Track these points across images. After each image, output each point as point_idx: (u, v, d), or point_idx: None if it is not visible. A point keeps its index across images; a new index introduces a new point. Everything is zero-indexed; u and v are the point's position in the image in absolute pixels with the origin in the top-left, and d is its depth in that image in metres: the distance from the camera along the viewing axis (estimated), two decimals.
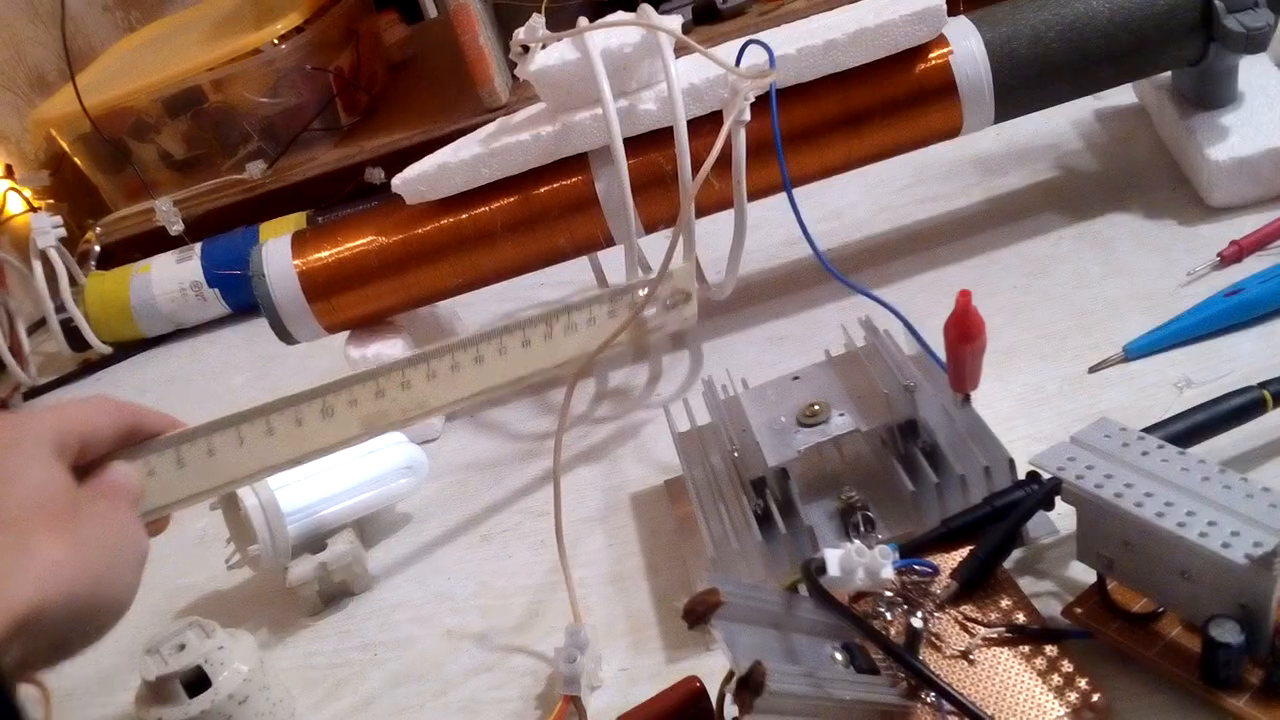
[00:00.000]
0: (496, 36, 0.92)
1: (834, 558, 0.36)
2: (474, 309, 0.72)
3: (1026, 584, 0.40)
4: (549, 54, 0.56)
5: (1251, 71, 0.61)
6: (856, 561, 0.35)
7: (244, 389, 0.76)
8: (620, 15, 0.56)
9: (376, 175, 0.88)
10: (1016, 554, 0.42)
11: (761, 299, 0.64)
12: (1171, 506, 0.34)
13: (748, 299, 0.64)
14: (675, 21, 0.56)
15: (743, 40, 0.54)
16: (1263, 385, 0.42)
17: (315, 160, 0.93)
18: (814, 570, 0.35)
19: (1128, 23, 0.56)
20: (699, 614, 0.31)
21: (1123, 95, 0.69)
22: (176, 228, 0.84)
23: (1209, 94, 0.59)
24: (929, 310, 0.57)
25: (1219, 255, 0.54)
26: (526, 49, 0.55)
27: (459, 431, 0.63)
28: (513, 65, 0.57)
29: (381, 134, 0.94)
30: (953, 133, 0.58)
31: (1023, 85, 0.57)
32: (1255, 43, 0.55)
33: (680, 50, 0.55)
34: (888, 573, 0.36)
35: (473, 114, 0.90)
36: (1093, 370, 0.50)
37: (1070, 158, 0.68)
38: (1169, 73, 0.62)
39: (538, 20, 0.55)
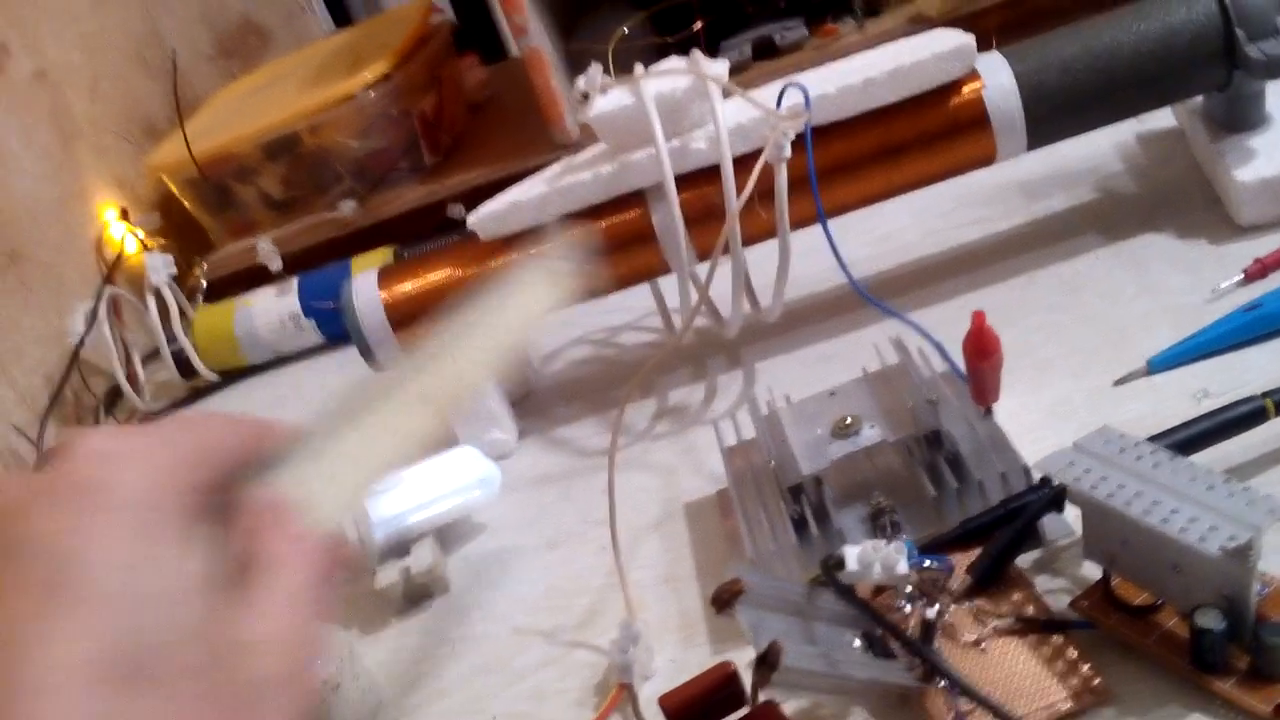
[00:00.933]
0: (566, 77, 0.97)
1: (852, 553, 0.40)
2: (545, 333, 0.78)
3: (1043, 581, 0.44)
4: (607, 100, 0.61)
5: None
6: (873, 557, 0.39)
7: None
8: (672, 63, 0.61)
9: (458, 211, 0.94)
10: (1035, 554, 0.45)
11: (811, 321, 0.68)
12: (1158, 505, 0.37)
13: (798, 321, 0.68)
14: (722, 66, 0.61)
15: (783, 82, 0.59)
16: (1266, 394, 0.45)
17: (401, 198, 1.00)
18: (833, 565, 0.39)
19: (1153, 52, 0.59)
20: (725, 600, 0.36)
21: (1162, 118, 0.71)
22: (276, 265, 0.91)
23: (1237, 117, 0.62)
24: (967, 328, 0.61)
25: (1243, 272, 0.56)
26: (586, 96, 0.60)
27: (530, 448, 0.69)
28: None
29: (462, 172, 1.00)
30: (987, 161, 0.62)
31: (1053, 115, 0.60)
32: (1276, 69, 0.57)
33: (728, 93, 0.60)
34: (902, 567, 0.40)
35: (545, 151, 0.96)
36: (1118, 383, 0.53)
37: (1110, 180, 0.71)
38: (1200, 97, 0.64)
39: (596, 69, 0.60)
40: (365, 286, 0.66)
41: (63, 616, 0.23)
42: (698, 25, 0.96)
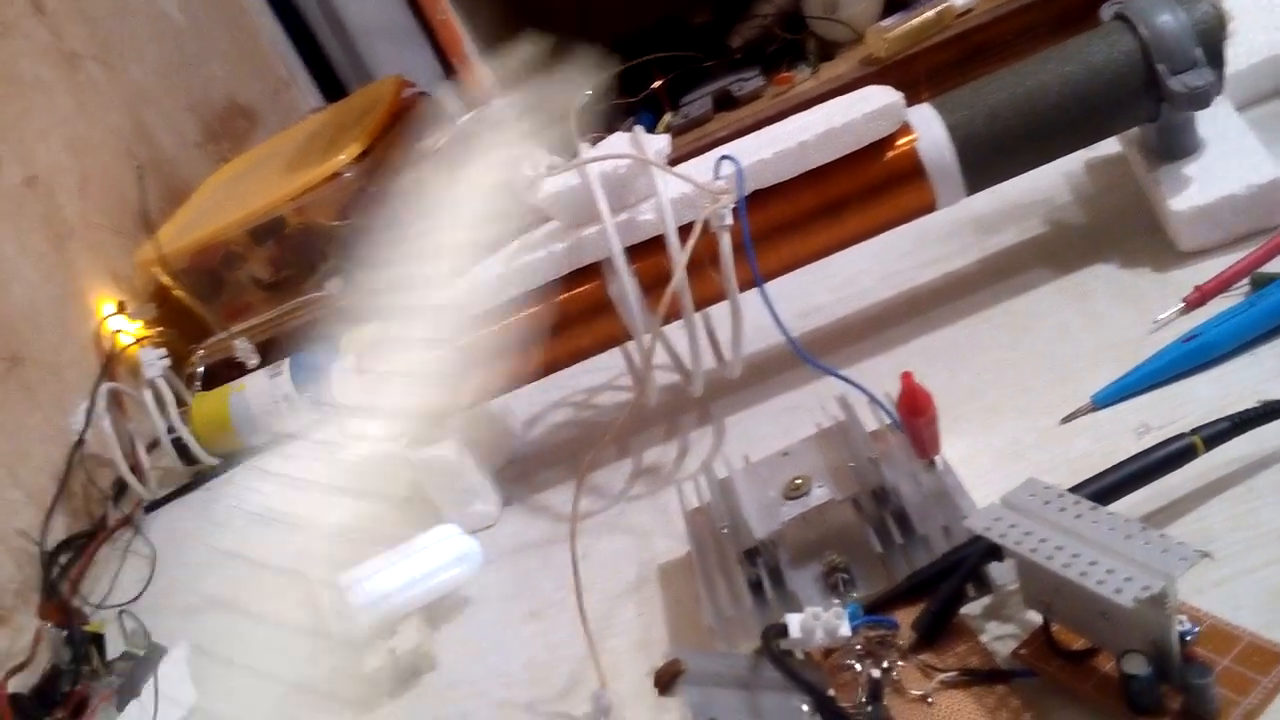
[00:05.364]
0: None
1: (795, 621, 0.41)
2: (524, 399, 0.80)
3: (992, 628, 0.45)
4: (554, 181, 0.63)
5: (1215, 117, 0.65)
6: (814, 624, 0.41)
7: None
8: (613, 144, 0.63)
9: None
10: (985, 601, 0.47)
11: (774, 373, 0.70)
12: (1078, 557, 0.38)
13: (762, 374, 0.70)
14: (662, 141, 0.63)
15: (719, 152, 0.61)
16: (1195, 431, 0.46)
17: None
18: (773, 635, 0.40)
19: (1077, 93, 0.61)
20: (665, 682, 0.37)
21: (1111, 145, 0.73)
22: (253, 361, 0.94)
23: (1170, 146, 0.63)
24: (924, 372, 0.63)
25: (1184, 301, 0.58)
26: (533, 181, 0.63)
27: (514, 516, 0.70)
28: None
29: None
30: (928, 210, 0.64)
31: (987, 161, 0.62)
32: (1199, 100, 0.59)
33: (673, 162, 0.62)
34: (844, 631, 0.41)
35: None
36: (1064, 421, 0.55)
37: (1059, 211, 0.72)
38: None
39: (539, 154, 0.63)
40: (345, 374, 0.68)
41: None
42: (659, 84, 0.99)
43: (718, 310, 0.65)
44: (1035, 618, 0.44)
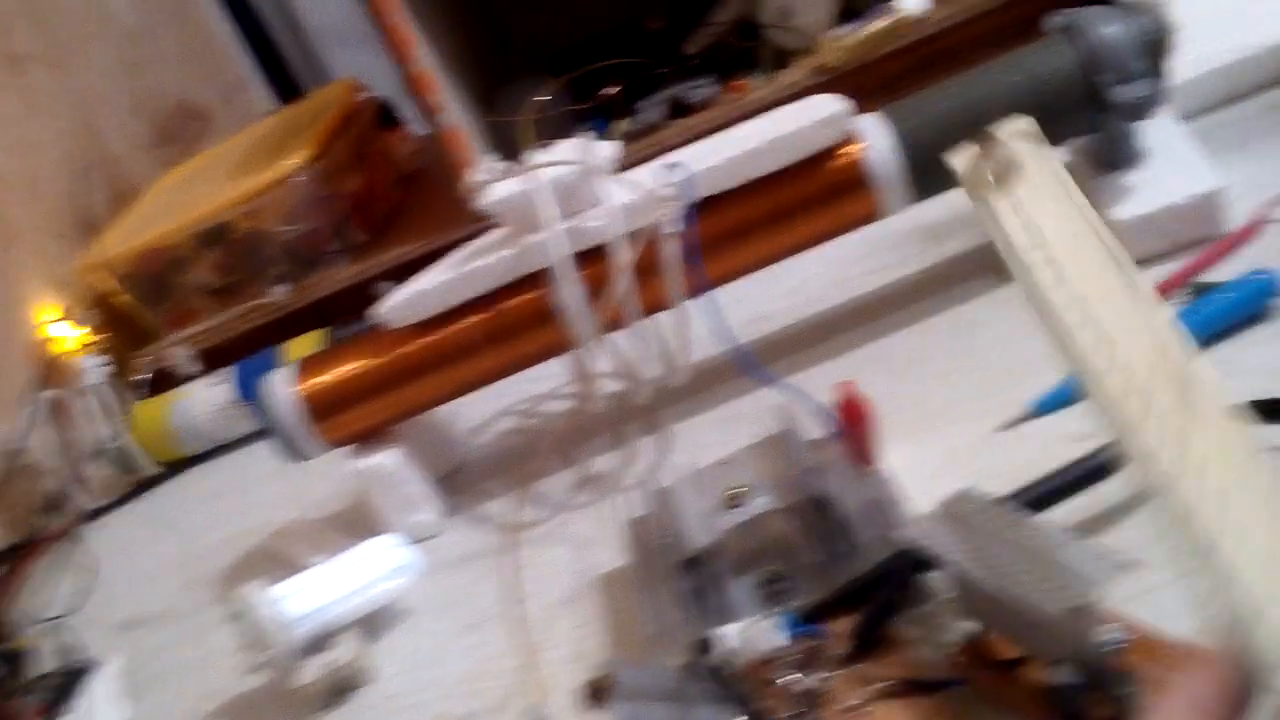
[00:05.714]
0: (488, 149, 0.99)
1: (729, 633, 0.41)
2: (472, 406, 0.79)
3: (928, 636, 0.45)
4: (503, 187, 0.63)
5: (1158, 128, 0.65)
6: (747, 634, 0.40)
7: (274, 499, 0.83)
8: (562, 151, 0.63)
9: (386, 289, 0.95)
10: (921, 609, 0.46)
11: (722, 380, 0.69)
12: (1009, 567, 0.38)
13: (710, 380, 0.70)
14: (611, 148, 0.63)
15: (667, 161, 0.60)
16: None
17: (334, 279, 1.01)
18: (704, 647, 0.40)
19: (1021, 103, 0.60)
20: (596, 695, 0.37)
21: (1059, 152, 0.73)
22: (191, 369, 0.92)
23: (1113, 156, 0.64)
24: (870, 379, 0.62)
25: None
26: (482, 185, 0.62)
27: (458, 525, 0.70)
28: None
29: (392, 248, 1.01)
30: (875, 218, 0.64)
31: (933, 171, 0.62)
32: (1140, 111, 0.59)
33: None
34: (778, 641, 0.41)
35: (474, 221, 0.97)
36: (1004, 429, 0.55)
37: None
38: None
39: (488, 161, 0.62)
40: (282, 384, 0.67)
41: None
42: (613, 90, 0.98)
43: (666, 317, 0.64)
44: (970, 626, 0.43)
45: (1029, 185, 0.32)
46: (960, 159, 0.33)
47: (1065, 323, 0.30)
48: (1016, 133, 0.34)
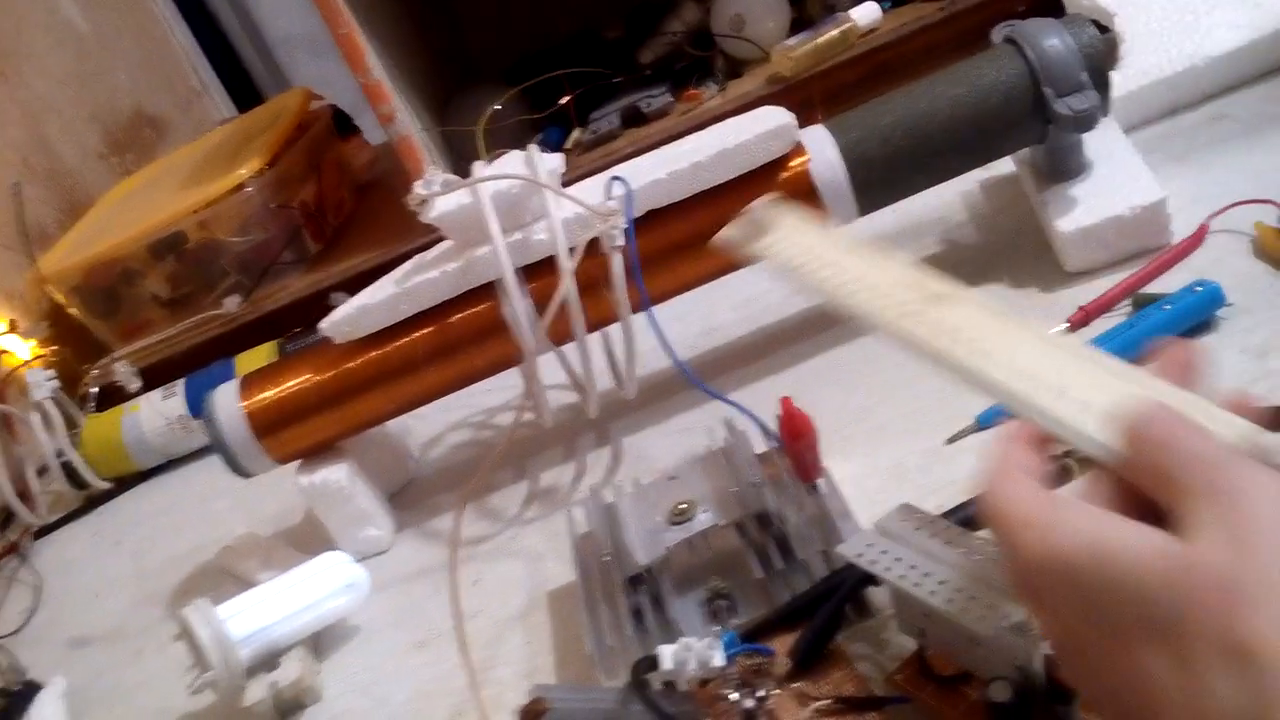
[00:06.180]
0: (443, 157, 0.99)
1: (667, 653, 0.40)
2: (426, 420, 0.78)
3: (870, 653, 0.45)
4: (448, 200, 0.62)
5: (1102, 139, 0.66)
6: (686, 655, 0.40)
7: (225, 514, 0.82)
8: (508, 163, 0.62)
9: (340, 299, 0.95)
10: (864, 625, 0.46)
11: (671, 393, 0.69)
12: (944, 584, 0.38)
13: (659, 394, 0.70)
14: (555, 161, 0.62)
15: (610, 174, 0.60)
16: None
17: (287, 289, 1.00)
18: (642, 669, 0.39)
19: (967, 115, 0.61)
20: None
21: (1006, 164, 0.73)
22: (135, 385, 0.92)
23: (1058, 167, 0.64)
24: (818, 392, 0.63)
25: (1068, 321, 0.58)
26: (424, 201, 0.61)
27: (408, 540, 0.69)
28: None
29: (346, 258, 1.00)
30: None
31: (879, 183, 0.62)
32: (1084, 123, 0.60)
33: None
34: (719, 661, 0.41)
35: (430, 231, 0.97)
36: (949, 442, 0.55)
37: (954, 230, 0.73)
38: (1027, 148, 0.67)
39: (433, 173, 0.62)
40: (226, 397, 0.66)
41: None
42: (566, 99, 0.98)
43: (616, 330, 0.64)
44: (911, 643, 0.43)
45: (781, 231, 0.44)
46: (728, 229, 0.45)
47: (840, 293, 0.39)
48: (763, 204, 0.46)
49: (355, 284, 0.96)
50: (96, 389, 0.98)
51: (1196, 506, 0.26)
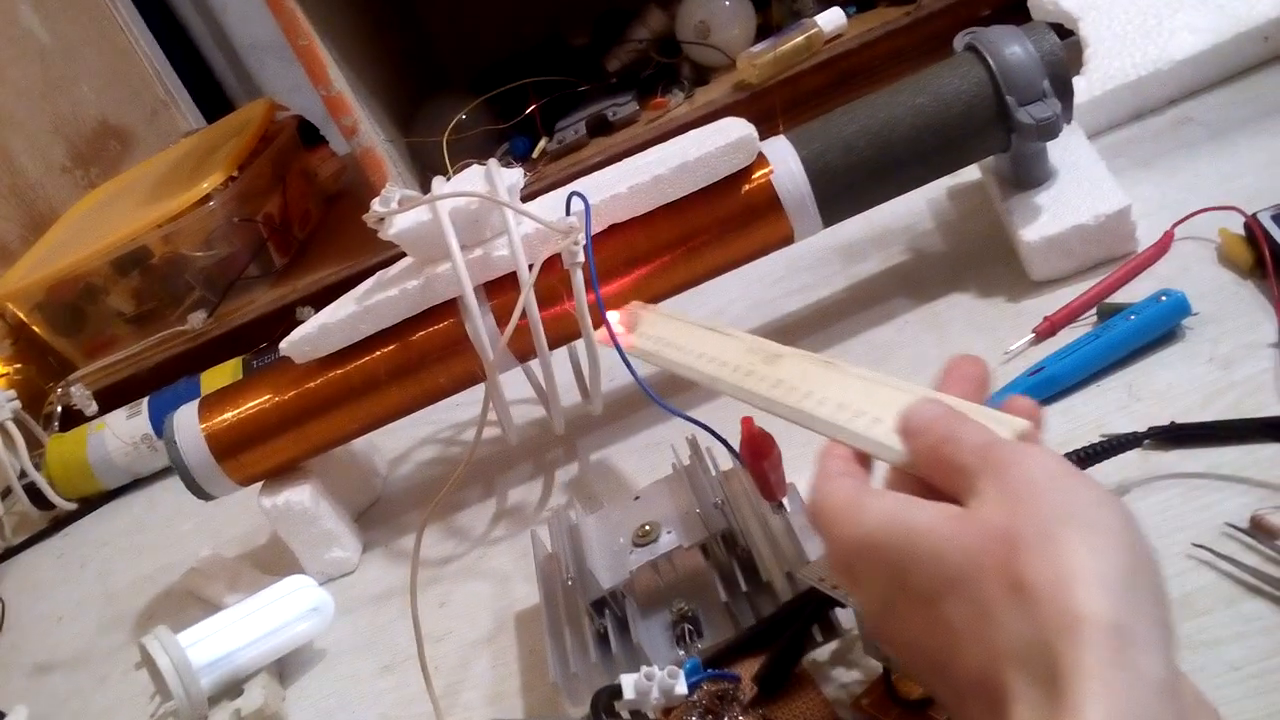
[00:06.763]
0: (408, 168, 0.98)
1: (629, 683, 0.40)
2: (394, 435, 0.77)
3: (838, 674, 0.45)
4: (407, 217, 0.61)
5: (1067, 147, 0.65)
6: (648, 685, 0.40)
7: (191, 535, 0.81)
8: (467, 178, 0.62)
9: (306, 314, 0.94)
10: (831, 647, 0.46)
11: (637, 409, 0.69)
12: None
13: (625, 410, 0.69)
14: (515, 175, 0.62)
15: (569, 189, 0.59)
16: None
17: (253, 304, 0.99)
18: (606, 698, 0.39)
19: (930, 125, 0.61)
20: None
21: (973, 171, 0.73)
22: (91, 409, 0.91)
23: (1023, 176, 0.64)
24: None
25: (1034, 331, 0.58)
26: (381, 220, 0.61)
27: (374, 561, 0.68)
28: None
29: (313, 271, 0.99)
30: (786, 242, 0.63)
31: (842, 194, 0.62)
32: (1046, 131, 0.59)
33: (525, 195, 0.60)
34: (681, 689, 0.40)
35: (395, 246, 0.96)
36: None
37: (921, 239, 0.72)
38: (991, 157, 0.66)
39: (392, 190, 0.61)
40: (186, 419, 0.65)
41: None
42: (532, 108, 0.97)
43: (580, 346, 0.64)
44: (878, 666, 0.43)
45: (649, 324, 0.54)
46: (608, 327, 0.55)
47: (690, 368, 0.48)
48: (638, 305, 0.56)
49: (322, 297, 0.96)
50: (60, 408, 0.97)
51: (977, 481, 0.30)
